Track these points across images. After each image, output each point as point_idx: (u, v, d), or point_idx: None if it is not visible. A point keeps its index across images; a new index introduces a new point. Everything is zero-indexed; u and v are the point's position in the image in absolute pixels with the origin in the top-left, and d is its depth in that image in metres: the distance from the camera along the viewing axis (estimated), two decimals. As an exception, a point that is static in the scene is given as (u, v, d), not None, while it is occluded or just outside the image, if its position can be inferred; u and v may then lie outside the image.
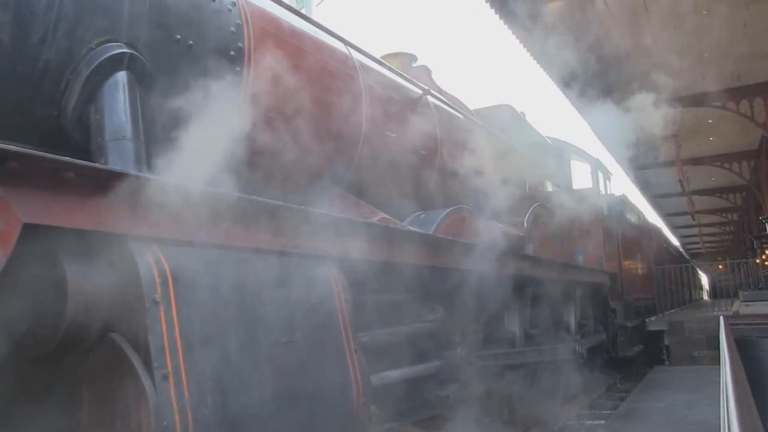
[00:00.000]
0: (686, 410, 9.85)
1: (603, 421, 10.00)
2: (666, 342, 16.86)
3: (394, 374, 4.24)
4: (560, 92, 18.63)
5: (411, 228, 4.90)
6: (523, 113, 10.12)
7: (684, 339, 16.21)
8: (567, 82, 18.30)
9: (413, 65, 7.94)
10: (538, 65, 16.99)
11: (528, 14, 14.32)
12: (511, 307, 7.62)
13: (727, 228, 45.87)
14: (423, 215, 5.65)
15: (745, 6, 14.09)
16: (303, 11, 6.11)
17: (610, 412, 10.83)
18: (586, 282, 10.97)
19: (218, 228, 2.94)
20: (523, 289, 7.88)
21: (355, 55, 5.47)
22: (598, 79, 17.47)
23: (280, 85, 4.34)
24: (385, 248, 4.13)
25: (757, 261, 32.74)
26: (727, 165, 25.70)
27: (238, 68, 4.17)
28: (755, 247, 33.95)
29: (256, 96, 4.20)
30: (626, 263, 16.26)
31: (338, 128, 5.07)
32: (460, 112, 7.51)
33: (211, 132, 3.68)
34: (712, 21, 14.55)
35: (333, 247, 3.62)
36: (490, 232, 6.42)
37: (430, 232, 5.17)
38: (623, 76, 17.21)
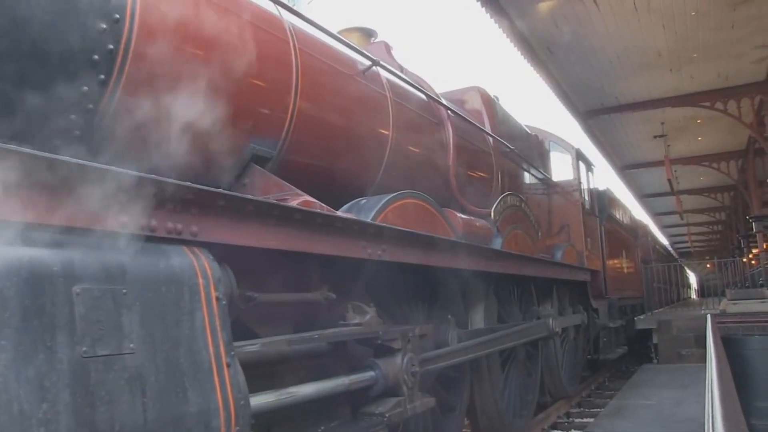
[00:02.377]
0: (674, 408, 9.35)
1: (592, 419, 9.61)
2: (654, 340, 15.94)
3: (304, 391, 3.14)
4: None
5: (338, 213, 3.80)
6: (496, 97, 8.94)
7: (672, 337, 15.38)
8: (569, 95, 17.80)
9: (373, 41, 6.94)
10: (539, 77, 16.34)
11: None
12: (472, 307, 6.57)
13: (716, 227, 44.84)
14: (364, 201, 4.49)
15: (732, 8, 13.42)
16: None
17: (599, 410, 10.43)
18: (562, 279, 9.78)
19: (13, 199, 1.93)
20: (487, 286, 6.83)
21: (288, 17, 4.40)
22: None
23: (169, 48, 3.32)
24: (287, 234, 3.09)
25: (744, 260, 31.90)
26: (715, 165, 25.07)
27: (102, 77, 3.04)
28: (742, 246, 33.11)
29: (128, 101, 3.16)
30: (611, 260, 15.01)
31: (257, 101, 4.01)
32: (421, 90, 6.41)
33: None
34: (700, 22, 14.02)
35: (207, 231, 2.62)
36: (447, 220, 5.39)
37: (368, 219, 4.15)
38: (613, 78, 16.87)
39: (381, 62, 5.43)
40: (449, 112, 6.77)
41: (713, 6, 13.33)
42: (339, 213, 3.75)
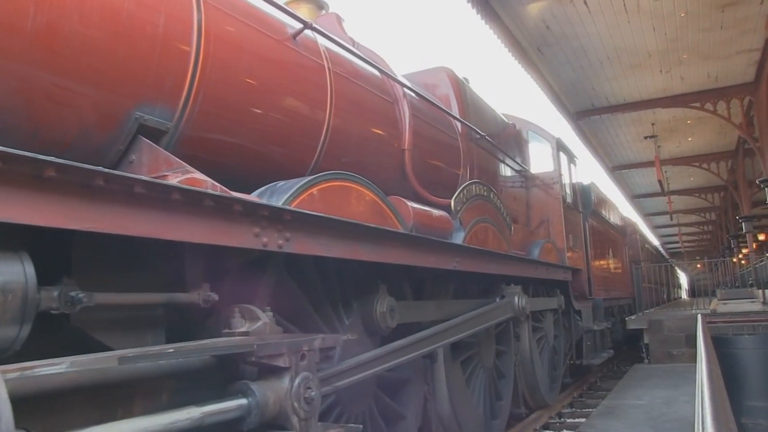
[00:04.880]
0: (665, 407, 8.95)
1: (584, 419, 9.08)
2: (645, 340, 15.11)
3: (142, 425, 2.09)
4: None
5: (214, 190, 2.68)
6: (466, 79, 7.79)
7: (663, 337, 14.60)
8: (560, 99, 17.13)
9: (323, 13, 5.91)
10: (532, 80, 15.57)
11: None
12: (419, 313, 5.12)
13: (706, 227, 43.74)
14: (282, 183, 3.50)
15: (720, 9, 12.85)
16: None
17: (590, 410, 9.91)
18: (539, 279, 8.45)
19: None
20: (447, 287, 5.73)
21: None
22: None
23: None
24: (124, 214, 2.15)
25: (734, 260, 31.07)
26: (705, 165, 24.23)
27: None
28: (732, 246, 32.23)
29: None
30: (596, 259, 13.71)
31: (139, 58, 3.00)
32: (371, 65, 5.27)
33: None
34: (690, 23, 13.41)
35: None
36: (393, 209, 4.30)
37: (279, 204, 3.12)
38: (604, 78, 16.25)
39: (315, 25, 4.31)
40: (406, 90, 5.71)
41: (702, 7, 12.75)
42: (214, 191, 2.64)
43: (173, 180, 2.59)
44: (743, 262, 30.81)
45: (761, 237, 33.53)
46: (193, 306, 2.67)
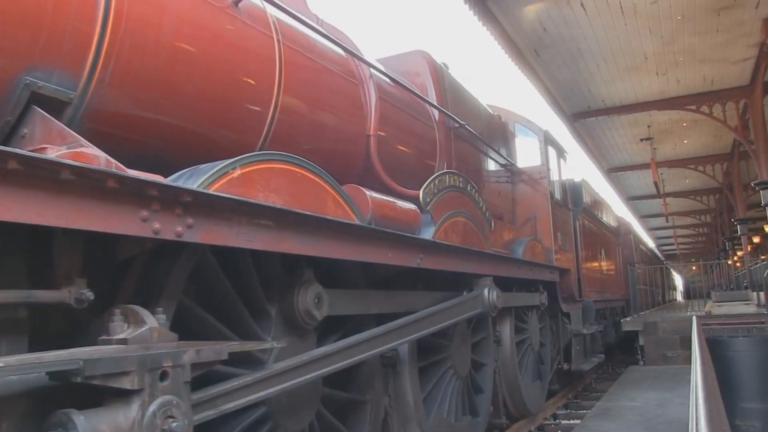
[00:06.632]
0: (659, 409, 8.82)
1: (578, 420, 8.95)
2: (641, 342, 14.77)
3: None
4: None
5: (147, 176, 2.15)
6: (445, 64, 6.93)
7: (658, 339, 14.22)
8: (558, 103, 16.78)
9: None
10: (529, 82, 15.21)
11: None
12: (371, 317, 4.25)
13: (701, 230, 43.16)
14: (205, 165, 2.80)
15: (716, 12, 12.51)
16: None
17: (585, 411, 9.75)
18: (523, 280, 7.50)
19: None
20: (414, 285, 5.01)
21: None
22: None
23: None
24: None
25: (729, 262, 30.42)
26: (701, 168, 23.78)
27: None
28: (727, 248, 31.85)
29: None
30: (587, 260, 12.87)
31: (28, 10, 2.40)
32: (334, 42, 4.52)
33: None
34: (686, 26, 13.07)
35: None
36: (346, 198, 3.63)
37: (194, 187, 2.50)
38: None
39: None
40: (373, 71, 5.03)
41: (698, 10, 12.42)
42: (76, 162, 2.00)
43: (53, 154, 2.00)
44: (738, 264, 30.17)
45: (756, 239, 33.15)
46: (63, 307, 2.07)
